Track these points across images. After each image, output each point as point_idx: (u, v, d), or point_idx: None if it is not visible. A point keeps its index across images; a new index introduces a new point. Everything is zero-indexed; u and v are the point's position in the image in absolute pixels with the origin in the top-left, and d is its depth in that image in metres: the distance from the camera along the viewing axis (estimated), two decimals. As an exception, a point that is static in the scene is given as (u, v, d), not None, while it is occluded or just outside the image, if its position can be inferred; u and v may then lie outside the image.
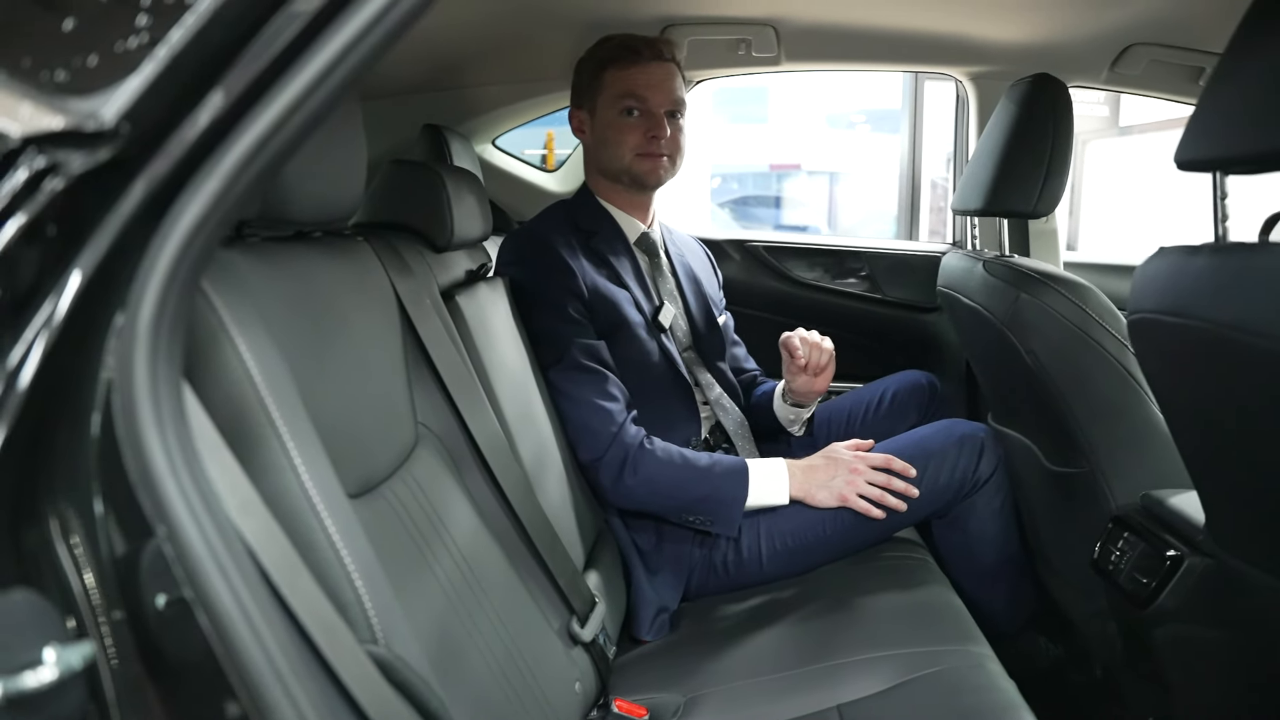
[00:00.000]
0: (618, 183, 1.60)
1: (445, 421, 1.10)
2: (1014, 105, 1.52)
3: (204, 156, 0.51)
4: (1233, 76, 0.84)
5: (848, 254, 2.27)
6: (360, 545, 0.69)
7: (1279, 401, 0.80)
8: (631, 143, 1.54)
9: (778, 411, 1.75)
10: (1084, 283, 1.43)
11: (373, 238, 1.06)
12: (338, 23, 0.51)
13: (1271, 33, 0.81)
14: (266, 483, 0.64)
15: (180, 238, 0.51)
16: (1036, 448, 1.62)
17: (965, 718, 1.07)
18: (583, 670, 1.18)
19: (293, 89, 0.51)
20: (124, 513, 0.51)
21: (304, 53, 0.51)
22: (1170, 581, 1.23)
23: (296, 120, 0.51)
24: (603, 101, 1.55)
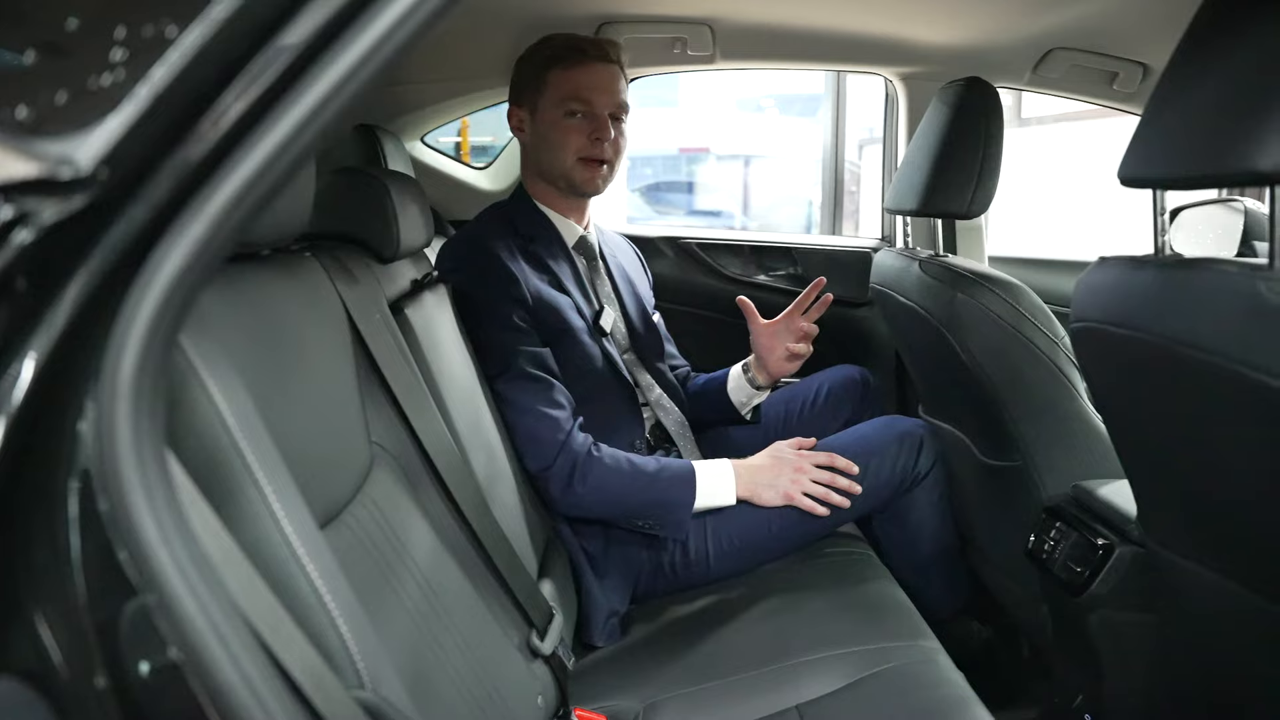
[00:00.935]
0: (554, 187, 1.58)
1: (399, 440, 1.07)
2: (946, 107, 1.56)
3: (186, 199, 0.48)
4: (1172, 98, 0.88)
5: (779, 250, 2.29)
6: (340, 586, 0.67)
7: (1219, 412, 0.84)
8: (574, 145, 1.52)
9: (734, 395, 1.77)
10: (1017, 282, 1.48)
11: (320, 252, 1.03)
12: (330, 55, 0.48)
13: (1206, 57, 0.84)
14: (244, 532, 0.61)
15: (162, 288, 0.48)
16: (969, 441, 1.67)
17: (922, 715, 1.11)
18: (544, 683, 1.17)
19: (282, 126, 0.48)
20: (106, 585, 0.48)
21: (293, 88, 0.48)
22: (1102, 570, 1.29)
23: (287, 158, 0.49)
24: (545, 102, 1.52)
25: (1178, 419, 0.92)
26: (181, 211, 0.48)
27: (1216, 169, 0.79)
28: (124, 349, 0.47)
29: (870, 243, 2.30)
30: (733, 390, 1.77)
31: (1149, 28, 1.69)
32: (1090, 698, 1.42)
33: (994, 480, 1.60)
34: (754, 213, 9.64)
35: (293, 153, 0.49)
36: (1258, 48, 0.77)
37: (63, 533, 0.48)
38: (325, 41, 0.48)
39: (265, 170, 0.48)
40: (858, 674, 1.19)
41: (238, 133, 0.48)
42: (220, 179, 0.48)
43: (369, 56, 0.49)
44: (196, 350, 0.62)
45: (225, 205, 0.48)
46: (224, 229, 0.48)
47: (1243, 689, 1.04)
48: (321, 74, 0.48)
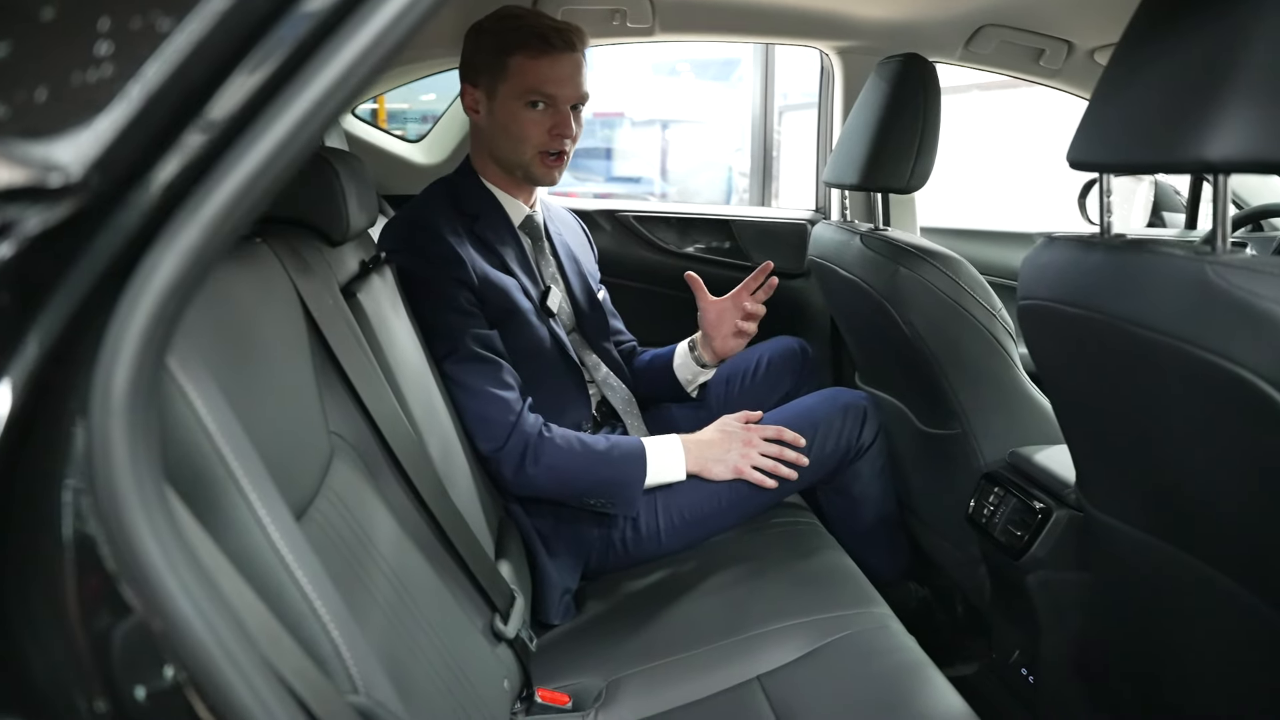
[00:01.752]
0: (510, 174, 1.54)
1: (357, 428, 1.05)
2: (884, 83, 1.58)
3: (178, 204, 0.46)
4: (1121, 83, 0.91)
5: (716, 222, 2.30)
6: (328, 590, 0.65)
7: (1165, 388, 0.88)
8: (535, 138, 1.48)
9: (680, 372, 1.77)
10: (956, 256, 1.52)
11: (271, 238, 0.99)
12: (333, 45, 0.46)
13: (1156, 43, 0.87)
14: (231, 541, 0.59)
15: (153, 299, 0.45)
16: (908, 410, 1.72)
17: (881, 679, 1.14)
18: (509, 667, 1.17)
19: (283, 123, 0.46)
20: (105, 611, 0.46)
21: (294, 81, 0.46)
22: (1041, 533, 1.35)
23: (287, 155, 0.47)
24: (506, 89, 1.46)
25: (1123, 394, 0.97)
26: (173, 217, 0.45)
27: (1165, 156, 0.83)
28: (115, 365, 0.45)
29: (805, 214, 2.32)
30: (679, 368, 1.78)
31: (1074, 7, 1.75)
32: (1027, 653, 1.49)
33: (933, 448, 1.65)
34: (673, 178, 9.62)
35: (293, 150, 0.47)
36: (1207, 37, 0.80)
37: (57, 560, 0.46)
38: (327, 31, 0.46)
39: (264, 170, 0.46)
40: (815, 643, 1.22)
41: (234, 131, 0.46)
42: (215, 181, 0.46)
43: (377, 43, 0.46)
44: (173, 354, 0.59)
45: (221, 209, 0.46)
46: (219, 234, 0.46)
47: (1173, 640, 1.10)
48: (325, 65, 0.46)
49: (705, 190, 9.13)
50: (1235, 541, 0.92)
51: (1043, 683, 1.45)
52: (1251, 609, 0.92)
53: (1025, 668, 1.49)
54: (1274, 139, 0.76)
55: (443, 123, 2.19)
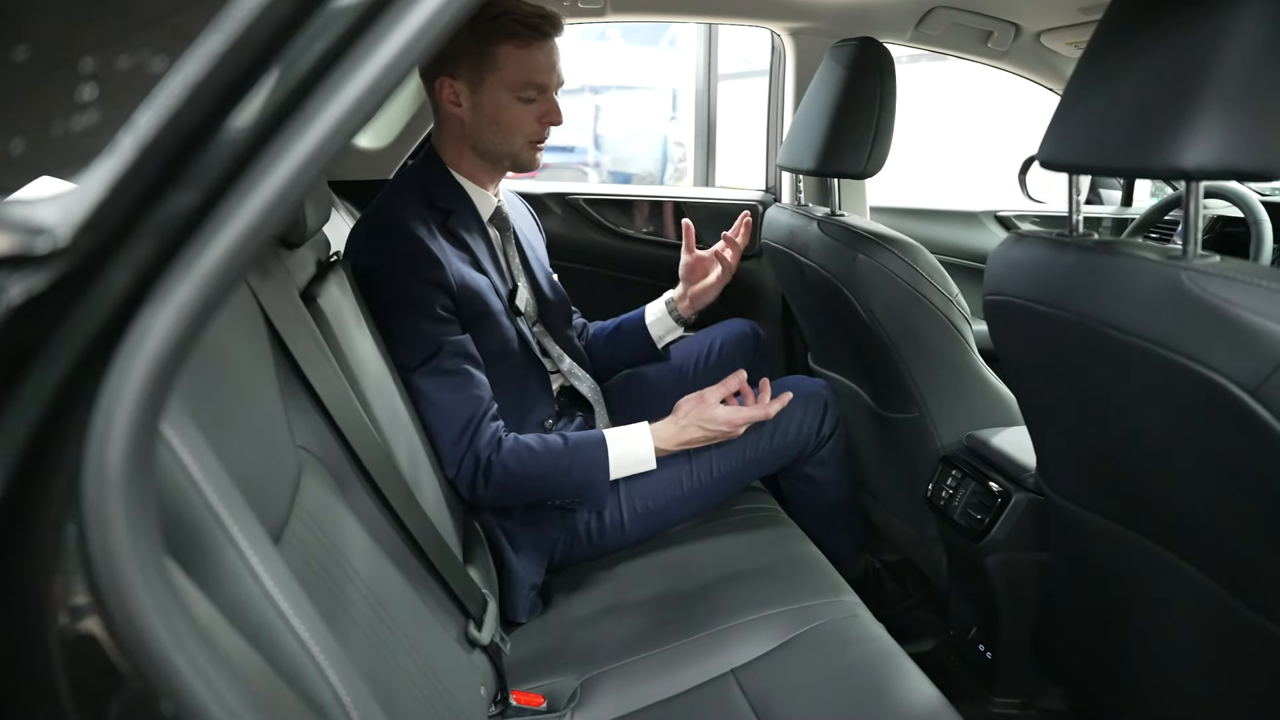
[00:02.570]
0: (495, 165, 1.48)
1: (324, 440, 1.01)
2: (840, 67, 1.57)
3: (172, 259, 0.42)
4: (1093, 84, 0.91)
5: (667, 205, 2.28)
6: (322, 633, 0.63)
7: (1134, 387, 0.90)
8: (526, 130, 1.43)
9: (654, 329, 1.78)
10: (913, 242, 1.53)
11: None
12: (340, 78, 0.43)
13: (1128, 46, 0.88)
14: (224, 594, 0.56)
15: (147, 362, 0.42)
16: (864, 393, 1.74)
17: (855, 670, 1.16)
18: (484, 673, 1.15)
19: (284, 166, 0.43)
20: (109, 701, 0.43)
21: (299, 118, 0.43)
22: (1000, 516, 1.38)
23: (289, 198, 0.44)
24: (495, 80, 1.40)
25: (1092, 391, 0.99)
26: (167, 273, 0.42)
27: (1139, 162, 0.84)
28: (109, 436, 0.42)
29: (756, 195, 2.32)
30: (653, 324, 1.78)
31: None
32: (984, 630, 1.53)
33: (890, 431, 1.68)
34: (606, 147, 9.53)
35: (295, 193, 0.44)
36: (1181, 43, 0.81)
37: (55, 646, 0.43)
38: (331, 63, 0.43)
39: (265, 218, 0.43)
40: (787, 634, 1.24)
41: (231, 178, 0.43)
42: (212, 232, 0.43)
43: (386, 74, 0.44)
44: None
45: (219, 262, 0.43)
46: (218, 289, 0.43)
47: (1129, 618, 1.14)
48: (328, 101, 0.43)
49: (640, 159, 9.06)
50: (1194, 530, 0.95)
51: (1000, 658, 1.49)
52: (1206, 590, 0.95)
53: (983, 644, 1.54)
54: (1246, 149, 0.77)
55: (389, 107, 2.12)
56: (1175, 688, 1.10)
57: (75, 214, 0.39)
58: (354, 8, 0.44)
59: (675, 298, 1.78)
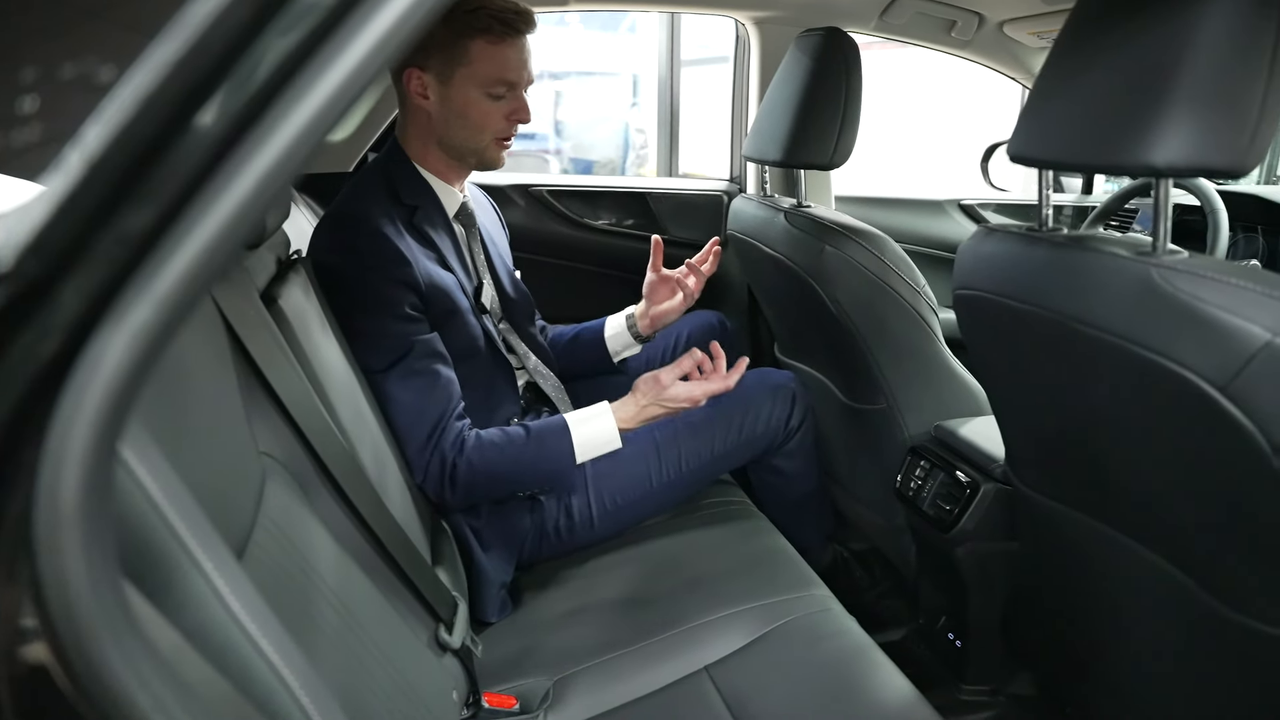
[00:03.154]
0: (461, 161, 1.45)
1: (287, 445, 0.99)
2: (806, 58, 1.57)
3: (127, 278, 0.40)
4: (1063, 79, 0.91)
5: (632, 195, 2.26)
6: (292, 654, 0.61)
7: (1105, 382, 0.91)
8: (494, 126, 1.40)
9: (612, 343, 1.75)
10: (880, 234, 1.53)
11: None
12: (309, 78, 0.41)
13: (1098, 41, 0.88)
14: (189, 618, 0.54)
15: (102, 389, 0.40)
16: (832, 384, 1.74)
17: (828, 665, 1.16)
18: (456, 677, 1.14)
19: (246, 178, 0.41)
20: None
21: (255, 131, 0.41)
22: (969, 507, 1.39)
23: (254, 209, 0.42)
24: (465, 75, 1.36)
25: (1062, 386, 0.99)
26: (122, 295, 0.40)
27: (1109, 159, 0.84)
28: (62, 467, 0.39)
29: (721, 185, 2.31)
30: (611, 338, 1.75)
31: None
32: (954, 619, 1.55)
33: (858, 422, 1.68)
34: (567, 134, 9.47)
35: (260, 203, 0.42)
36: (1151, 40, 0.81)
37: (4, 684, 0.40)
38: (297, 63, 0.41)
39: (226, 234, 0.41)
40: (759, 630, 1.24)
41: (190, 191, 0.40)
42: (169, 250, 0.40)
43: (353, 79, 0.42)
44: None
45: (179, 281, 0.40)
46: (178, 309, 0.41)
47: (1097, 607, 1.15)
48: (296, 104, 0.41)
49: (601, 146, 9.01)
50: (1163, 523, 0.96)
51: (969, 646, 1.51)
52: (1174, 580, 0.96)
53: (952, 632, 1.55)
54: (1215, 146, 0.77)
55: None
56: (1143, 675, 1.11)
57: (19, 236, 0.37)
58: (321, 6, 0.42)
59: (636, 315, 1.75)
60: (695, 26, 4.12)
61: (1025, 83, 2.17)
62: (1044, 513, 1.18)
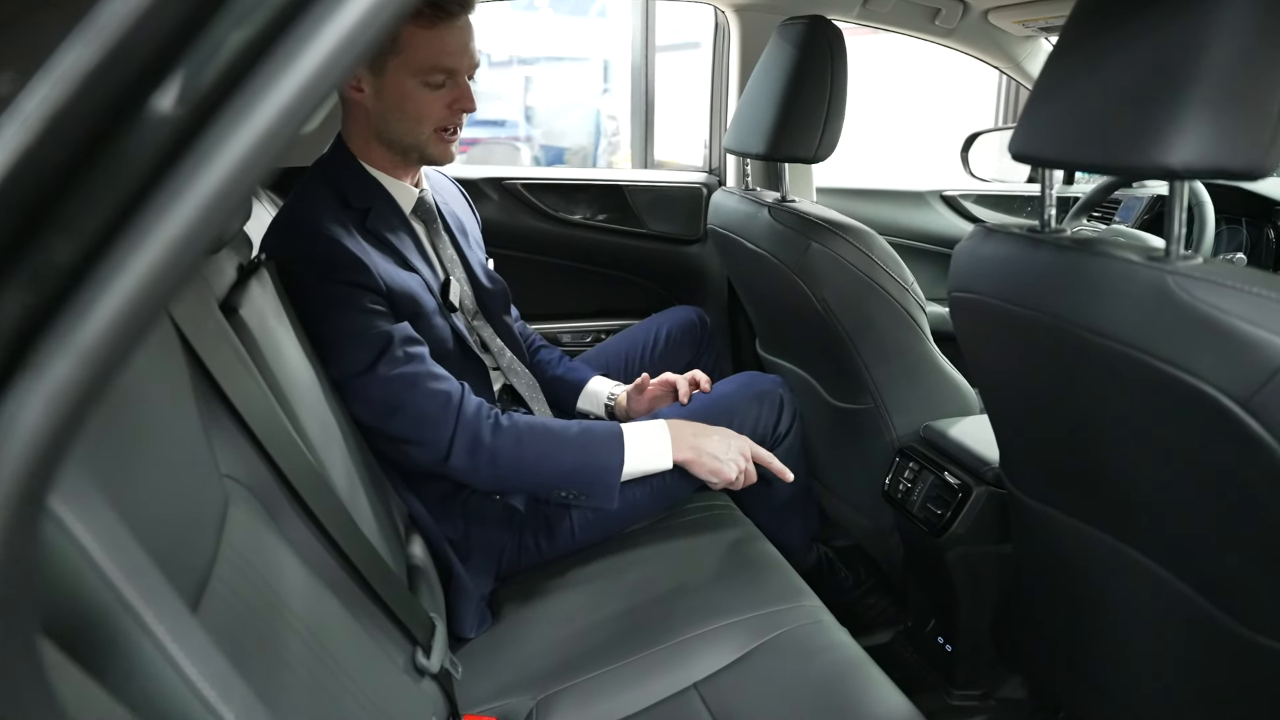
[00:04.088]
0: (403, 156, 1.37)
1: (252, 467, 0.92)
2: (790, 47, 1.51)
3: (42, 328, 0.34)
4: (1070, 76, 0.87)
5: (608, 188, 2.20)
6: (259, 715, 0.55)
7: (1112, 392, 0.87)
8: (435, 117, 1.32)
9: (584, 403, 1.69)
10: (867, 229, 1.49)
11: None
12: (255, 86, 0.36)
13: (1107, 37, 0.83)
14: (137, 690, 0.48)
15: (21, 454, 0.34)
16: (817, 383, 1.70)
17: (822, 681, 1.12)
18: (435, 702, 1.09)
19: (182, 209, 0.35)
20: None
21: (198, 146, 0.35)
22: (961, 511, 1.36)
23: (195, 245, 0.36)
24: (399, 65, 1.28)
25: (1064, 393, 0.95)
26: (36, 347, 0.34)
27: (1122, 160, 0.79)
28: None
29: (700, 177, 2.25)
30: (585, 399, 1.69)
31: None
32: (944, 622, 1.52)
33: (844, 422, 1.64)
34: (538, 121, 9.37)
35: (206, 231, 0.36)
36: (1163, 36, 0.77)
37: None
38: (248, 65, 0.36)
39: (166, 267, 0.35)
40: (749, 644, 1.19)
41: (119, 219, 0.35)
42: (96, 290, 0.35)
43: (309, 90, 0.36)
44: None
45: (108, 327, 0.35)
46: (108, 360, 0.35)
47: (1090, 612, 1.12)
48: (244, 116, 0.36)
49: (572, 133, 8.92)
50: (1168, 534, 0.93)
51: (959, 650, 1.48)
52: (1177, 592, 0.93)
53: (942, 635, 1.52)
54: (1234, 147, 0.73)
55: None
56: (1142, 684, 1.09)
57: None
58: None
59: (616, 398, 1.67)
60: (666, 11, 4.06)
61: (1010, 72, 2.13)
62: (1040, 519, 1.15)
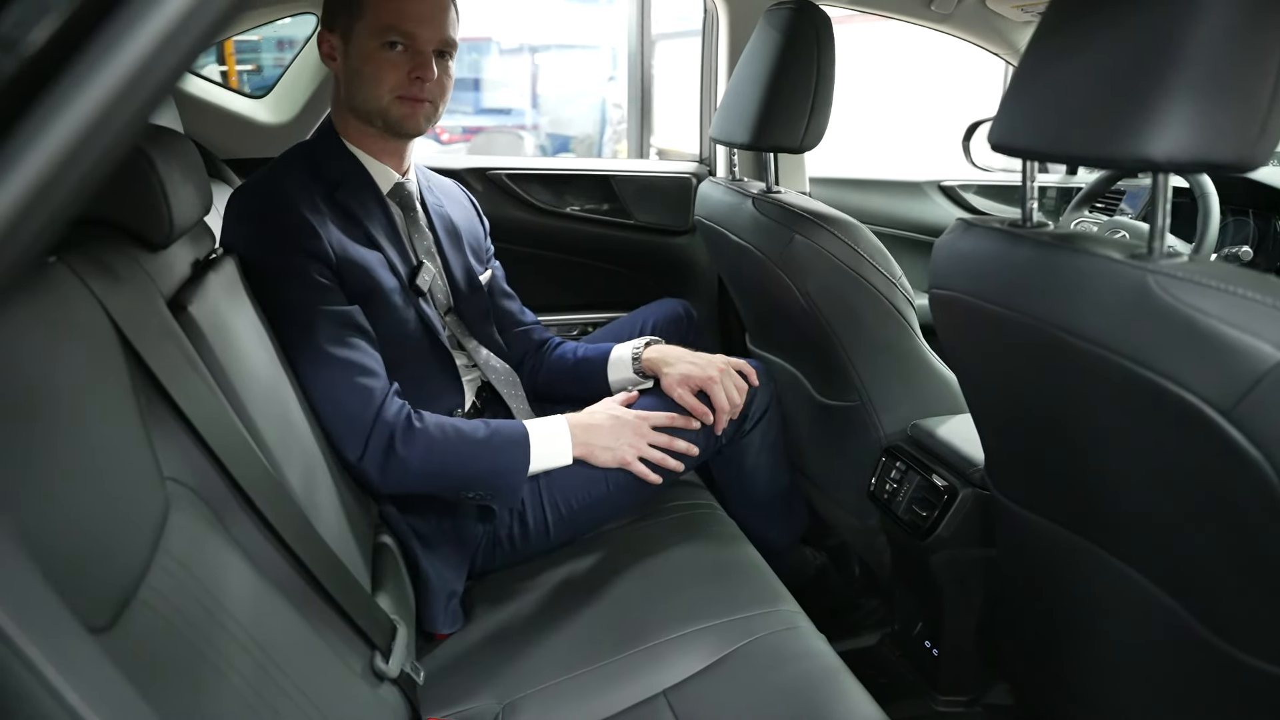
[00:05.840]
0: (371, 125, 1.36)
1: (198, 468, 0.89)
2: (776, 33, 1.47)
3: None
4: (1047, 64, 0.83)
5: (595, 179, 2.16)
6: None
7: (1091, 397, 0.83)
8: (391, 82, 1.31)
9: (617, 381, 1.61)
10: (854, 222, 1.45)
11: (69, 252, 0.81)
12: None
13: (1087, 26, 0.79)
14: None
15: None
16: (804, 379, 1.66)
17: (792, 690, 1.09)
18: (394, 707, 1.06)
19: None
20: None
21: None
22: (947, 514, 1.32)
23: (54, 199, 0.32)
24: (361, 29, 1.29)
25: (1043, 395, 0.91)
26: None
27: (1101, 151, 0.75)
28: None
29: (689, 167, 2.21)
30: (621, 378, 1.61)
31: None
32: (930, 626, 1.48)
33: (831, 419, 1.60)
34: (545, 108, 9.32)
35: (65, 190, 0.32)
36: (1145, 24, 0.72)
37: None
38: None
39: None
40: (722, 650, 1.16)
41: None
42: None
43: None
44: None
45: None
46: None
47: (1072, 618, 1.09)
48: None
49: (579, 121, 8.87)
50: (1149, 544, 0.89)
51: (945, 655, 1.44)
52: (1158, 602, 0.90)
53: (928, 639, 1.48)
54: (1220, 138, 0.69)
55: (290, 74, 1.94)
56: (1122, 693, 1.05)
57: None
58: None
59: (640, 354, 1.59)
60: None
61: (1010, 59, 2.08)
62: (1021, 523, 1.11)
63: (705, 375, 1.46)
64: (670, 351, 1.53)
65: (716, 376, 1.45)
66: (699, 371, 1.46)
